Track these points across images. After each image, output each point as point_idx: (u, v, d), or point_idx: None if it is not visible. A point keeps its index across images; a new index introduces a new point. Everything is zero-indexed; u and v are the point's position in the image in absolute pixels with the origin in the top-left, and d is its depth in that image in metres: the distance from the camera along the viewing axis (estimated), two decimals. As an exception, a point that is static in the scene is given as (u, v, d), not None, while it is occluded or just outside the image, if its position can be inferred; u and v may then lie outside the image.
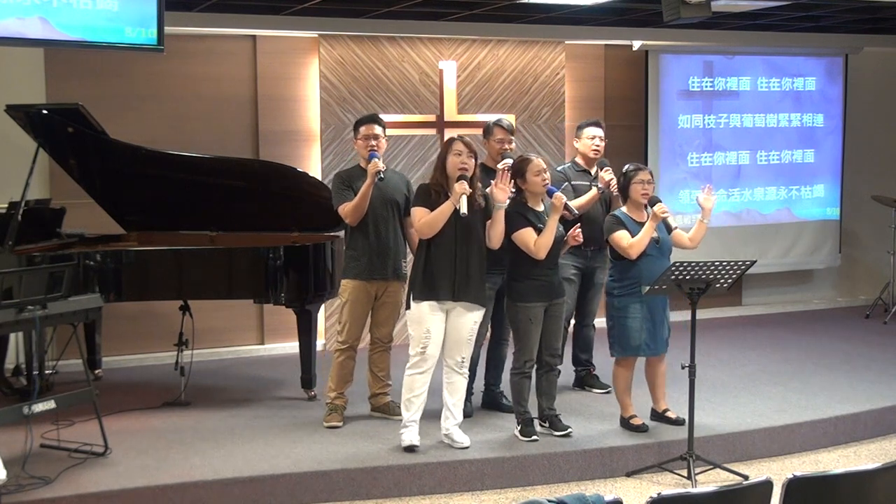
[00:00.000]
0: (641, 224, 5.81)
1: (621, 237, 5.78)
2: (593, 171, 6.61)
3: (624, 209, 5.92)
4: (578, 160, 6.71)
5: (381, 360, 6.23)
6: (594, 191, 6.40)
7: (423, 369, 5.53)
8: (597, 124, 6.74)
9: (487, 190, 5.62)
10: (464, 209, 5.39)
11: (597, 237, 6.37)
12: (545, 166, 5.74)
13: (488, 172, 6.10)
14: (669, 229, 5.87)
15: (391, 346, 6.26)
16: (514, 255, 5.72)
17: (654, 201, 5.80)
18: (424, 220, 5.47)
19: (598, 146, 6.63)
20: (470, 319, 5.56)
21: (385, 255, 6.02)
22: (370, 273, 6.00)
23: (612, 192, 6.41)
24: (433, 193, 5.53)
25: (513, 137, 6.31)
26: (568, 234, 5.73)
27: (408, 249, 6.15)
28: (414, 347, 5.54)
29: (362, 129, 6.06)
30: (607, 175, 6.43)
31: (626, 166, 5.99)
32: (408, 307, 5.57)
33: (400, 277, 6.05)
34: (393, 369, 6.24)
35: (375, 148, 5.99)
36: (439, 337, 5.52)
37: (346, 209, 5.94)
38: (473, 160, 5.52)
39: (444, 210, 5.44)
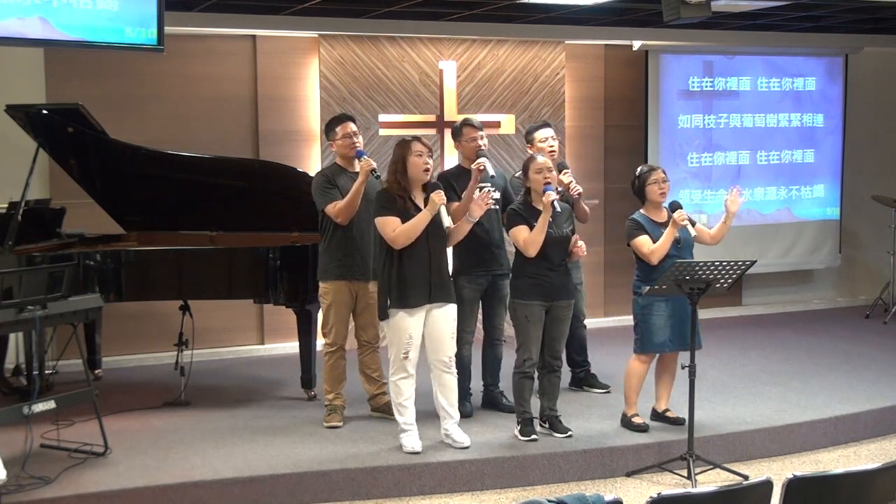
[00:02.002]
0: (661, 224, 5.81)
1: (642, 243, 5.78)
2: (557, 177, 6.55)
3: (642, 211, 5.91)
4: None
5: (373, 361, 6.22)
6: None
7: (407, 373, 5.53)
8: (546, 126, 6.64)
9: (472, 204, 5.62)
10: (447, 222, 5.44)
11: None
12: (549, 165, 5.73)
13: (464, 174, 6.05)
14: (693, 223, 5.86)
15: (379, 346, 6.25)
16: (517, 253, 5.76)
17: (674, 207, 5.80)
18: (401, 231, 5.41)
19: (552, 147, 6.52)
20: (449, 317, 5.57)
21: (366, 255, 6.00)
22: (353, 274, 5.98)
23: (572, 195, 6.36)
24: (398, 199, 5.48)
25: (483, 133, 6.21)
26: (571, 246, 5.72)
27: None
28: (395, 354, 5.51)
29: (339, 129, 6.05)
30: (566, 178, 6.36)
31: (639, 168, 5.99)
32: (384, 317, 5.53)
33: (375, 278, 6.02)
34: (385, 368, 6.21)
35: (359, 145, 6.00)
36: (419, 340, 5.52)
37: (337, 208, 5.90)
38: (431, 160, 5.56)
39: (422, 221, 5.41)
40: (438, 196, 5.42)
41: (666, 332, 5.81)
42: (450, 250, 5.76)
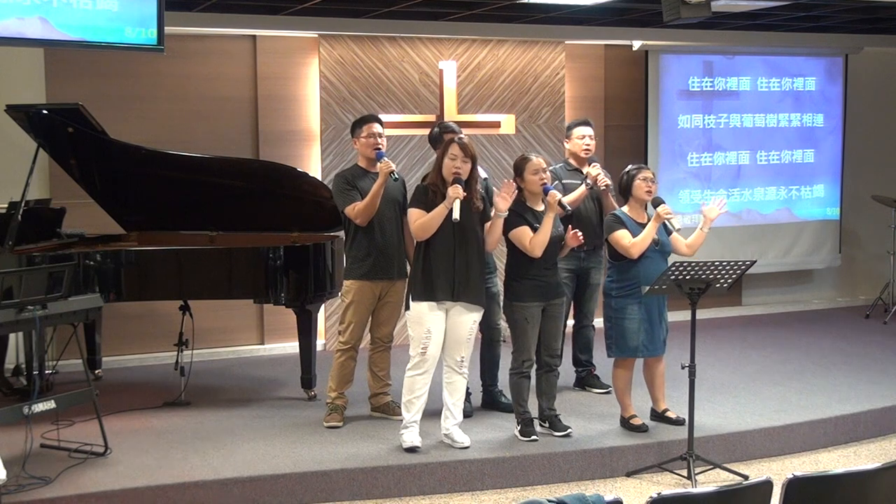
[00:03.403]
0: (642, 224, 5.81)
1: (622, 236, 5.77)
2: (584, 171, 6.59)
3: (625, 209, 5.92)
4: (571, 160, 6.72)
5: (382, 360, 6.22)
6: (582, 188, 6.40)
7: (423, 370, 5.53)
8: (586, 123, 6.73)
9: (495, 197, 5.61)
10: (456, 214, 5.37)
11: (590, 237, 6.37)
12: (544, 165, 5.74)
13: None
14: (669, 232, 5.86)
15: (391, 345, 6.26)
16: (512, 255, 5.73)
17: (657, 202, 5.80)
18: (419, 223, 5.46)
19: (588, 145, 6.61)
20: (469, 319, 5.56)
21: (391, 254, 6.01)
22: (376, 273, 5.99)
23: (599, 187, 6.40)
24: (430, 194, 5.51)
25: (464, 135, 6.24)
26: (567, 236, 5.72)
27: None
28: (414, 348, 5.54)
29: (364, 129, 6.05)
30: (594, 170, 6.41)
31: (628, 166, 5.99)
32: (407, 308, 5.56)
33: (404, 277, 6.05)
34: (393, 369, 6.24)
35: (381, 147, 5.99)
36: (440, 337, 5.52)
37: (356, 209, 5.91)
38: (469, 164, 5.50)
39: (438, 213, 5.42)
40: (454, 190, 5.39)
41: (640, 335, 5.80)
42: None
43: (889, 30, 9.56)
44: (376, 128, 6.05)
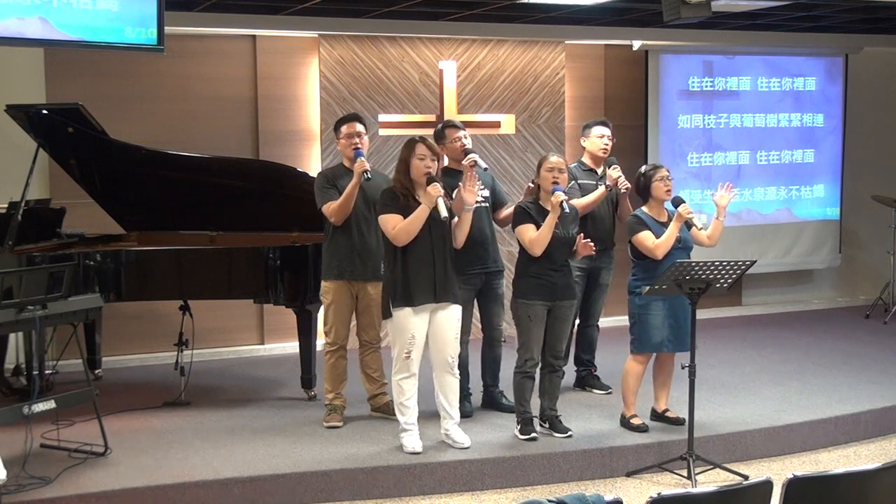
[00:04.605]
0: (663, 223, 5.82)
1: (646, 237, 5.77)
2: (600, 171, 6.60)
3: (645, 209, 5.91)
4: (585, 160, 6.71)
5: (374, 361, 6.22)
6: (601, 189, 6.39)
7: (409, 373, 5.52)
8: (604, 123, 6.74)
9: (454, 193, 5.60)
10: (444, 213, 5.36)
11: (603, 237, 6.38)
12: (561, 166, 5.70)
13: (454, 175, 5.95)
14: (689, 227, 5.87)
15: (380, 346, 6.26)
16: (521, 252, 5.75)
17: (678, 202, 5.81)
18: (401, 227, 5.40)
19: (606, 145, 6.62)
20: (453, 318, 5.56)
21: (366, 256, 5.99)
22: (352, 274, 5.98)
23: (619, 190, 6.41)
24: (401, 197, 5.47)
25: (465, 132, 6.19)
26: (578, 245, 5.70)
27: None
28: (398, 353, 5.50)
29: (344, 129, 6.05)
30: (615, 172, 6.41)
31: (643, 167, 6.02)
32: (388, 315, 5.52)
33: (378, 278, 5.98)
34: (386, 369, 6.22)
35: (359, 146, 5.98)
36: (423, 340, 5.51)
37: (331, 208, 5.91)
38: (437, 163, 5.49)
39: (420, 215, 5.38)
40: (434, 188, 5.37)
41: (664, 331, 5.81)
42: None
43: (889, 30, 9.56)
44: (354, 127, 6.04)
